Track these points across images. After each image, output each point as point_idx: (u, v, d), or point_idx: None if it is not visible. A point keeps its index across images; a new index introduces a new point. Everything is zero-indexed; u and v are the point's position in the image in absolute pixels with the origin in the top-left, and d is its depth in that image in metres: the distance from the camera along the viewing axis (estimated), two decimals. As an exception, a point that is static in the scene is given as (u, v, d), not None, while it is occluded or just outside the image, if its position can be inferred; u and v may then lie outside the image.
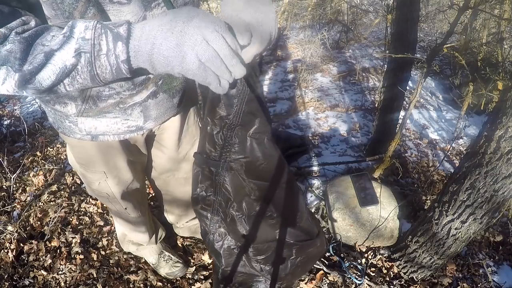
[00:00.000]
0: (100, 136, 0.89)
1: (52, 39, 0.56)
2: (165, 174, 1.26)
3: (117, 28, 0.56)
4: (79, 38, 0.55)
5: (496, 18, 2.65)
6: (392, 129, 2.30)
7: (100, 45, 0.55)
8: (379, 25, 4.87)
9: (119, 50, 0.55)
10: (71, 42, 0.55)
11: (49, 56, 0.55)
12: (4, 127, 2.72)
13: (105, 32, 0.55)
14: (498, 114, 1.16)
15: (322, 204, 1.94)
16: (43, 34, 0.57)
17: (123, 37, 0.55)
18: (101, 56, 0.56)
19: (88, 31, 0.55)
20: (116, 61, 0.56)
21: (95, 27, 0.55)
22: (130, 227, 1.41)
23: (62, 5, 0.61)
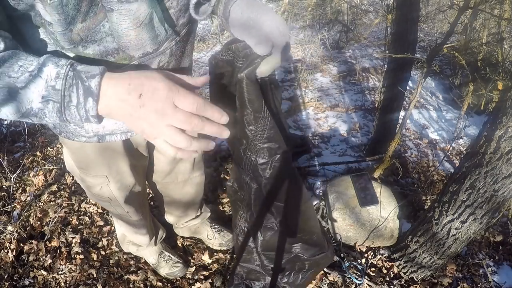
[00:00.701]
0: (107, 136, 0.88)
1: (19, 71, 0.54)
2: (165, 179, 1.26)
3: (89, 80, 0.54)
4: (49, 85, 0.54)
5: (496, 18, 2.65)
6: (392, 129, 2.30)
7: (70, 97, 0.54)
8: (379, 25, 4.88)
9: (89, 106, 0.55)
10: (38, 83, 0.54)
11: (13, 93, 0.54)
12: (4, 127, 2.71)
13: (76, 84, 0.54)
14: (498, 114, 1.16)
15: (322, 204, 1.94)
16: (10, 61, 0.55)
17: (94, 94, 0.54)
18: (71, 107, 0.55)
19: (59, 81, 0.54)
20: (86, 115, 0.56)
21: (66, 77, 0.54)
22: (131, 230, 1.41)
23: (67, 8, 0.60)
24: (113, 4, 0.63)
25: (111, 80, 0.56)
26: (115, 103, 0.56)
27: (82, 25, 0.64)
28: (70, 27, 0.63)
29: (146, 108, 0.55)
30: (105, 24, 0.66)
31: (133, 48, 0.71)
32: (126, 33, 0.68)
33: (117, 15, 0.65)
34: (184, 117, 0.56)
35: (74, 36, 0.65)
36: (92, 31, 0.65)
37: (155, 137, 0.57)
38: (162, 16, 0.69)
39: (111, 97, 0.55)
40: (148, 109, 0.55)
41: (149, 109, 0.55)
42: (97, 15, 0.64)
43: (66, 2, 0.59)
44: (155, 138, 0.57)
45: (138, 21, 0.67)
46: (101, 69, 0.56)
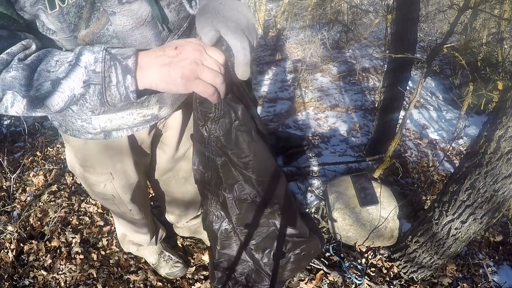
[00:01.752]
0: (113, 132, 0.88)
1: (57, 65, 0.57)
2: (166, 175, 1.27)
3: (125, 60, 0.59)
4: (89, 70, 0.57)
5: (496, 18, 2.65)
6: (392, 129, 2.30)
7: (110, 77, 0.58)
8: (379, 25, 4.88)
9: (129, 82, 0.59)
10: (78, 71, 0.57)
11: (55, 84, 0.57)
12: (4, 127, 2.72)
13: (114, 64, 0.58)
14: (498, 114, 1.16)
15: (322, 204, 1.94)
16: (46, 58, 0.58)
17: (131, 70, 0.59)
18: (111, 87, 0.59)
19: (98, 64, 0.57)
20: (125, 91, 0.60)
21: (104, 60, 0.58)
22: (132, 229, 1.41)
23: (68, 16, 0.61)
24: (115, 7, 0.64)
25: (146, 54, 0.61)
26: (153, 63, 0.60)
27: (86, 31, 0.65)
28: (75, 34, 0.64)
29: (184, 51, 0.61)
30: (109, 27, 0.66)
31: (139, 47, 0.71)
32: (131, 33, 0.69)
33: (120, 17, 0.66)
34: (214, 61, 0.63)
35: (80, 42, 0.66)
36: (97, 36, 0.66)
37: (196, 77, 0.61)
38: (158, 14, 0.69)
39: (147, 65, 0.60)
40: (186, 51, 0.61)
41: (187, 50, 0.61)
42: (100, 20, 0.65)
43: (66, 11, 0.60)
44: (195, 79, 0.61)
45: (141, 20, 0.68)
46: (134, 50, 0.61)
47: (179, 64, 0.60)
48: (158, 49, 0.62)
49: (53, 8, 0.59)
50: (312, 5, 4.72)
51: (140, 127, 0.91)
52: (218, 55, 0.64)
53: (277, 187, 1.08)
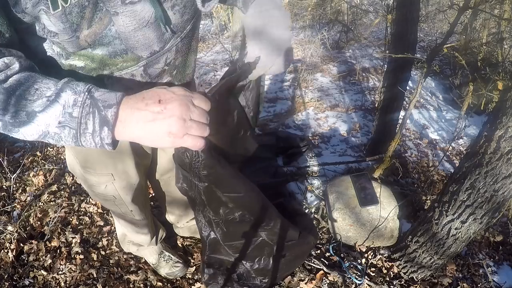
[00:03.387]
0: None
1: (35, 95, 0.56)
2: (166, 175, 1.27)
3: (105, 109, 0.56)
4: (66, 112, 0.55)
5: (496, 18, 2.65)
6: (392, 129, 2.30)
7: (86, 124, 0.56)
8: (379, 25, 4.88)
9: (105, 134, 0.56)
10: (55, 109, 0.55)
11: (31, 116, 0.55)
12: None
13: (93, 112, 0.56)
14: (498, 114, 1.16)
15: (322, 204, 1.94)
16: (26, 84, 0.56)
17: (109, 123, 0.56)
18: (86, 134, 0.57)
19: (76, 109, 0.55)
20: (101, 142, 0.57)
21: (83, 105, 0.55)
22: (133, 229, 1.41)
23: (71, 16, 0.60)
24: (118, 7, 0.63)
25: (126, 104, 0.57)
26: (135, 118, 0.57)
27: (89, 31, 0.64)
28: (77, 34, 0.64)
29: (170, 106, 0.57)
30: (111, 28, 0.66)
31: (141, 49, 0.71)
32: (134, 34, 0.68)
33: (123, 18, 0.65)
34: (202, 112, 0.60)
35: (82, 43, 0.65)
36: (99, 36, 0.66)
37: (184, 134, 0.58)
38: (161, 15, 0.69)
39: (129, 119, 0.57)
40: (172, 107, 0.57)
41: (173, 106, 0.57)
42: (103, 20, 0.64)
43: (69, 11, 0.60)
44: (183, 135, 0.58)
45: (144, 21, 0.68)
46: (119, 98, 0.57)
47: (164, 122, 0.56)
48: (140, 100, 0.58)
49: (55, 8, 0.58)
50: (312, 5, 4.72)
51: None
52: (204, 103, 0.61)
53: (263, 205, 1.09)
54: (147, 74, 0.77)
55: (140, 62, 0.73)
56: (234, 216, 1.06)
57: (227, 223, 1.08)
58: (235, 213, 1.05)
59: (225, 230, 1.11)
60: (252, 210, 1.07)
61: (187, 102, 0.58)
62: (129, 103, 0.58)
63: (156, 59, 0.75)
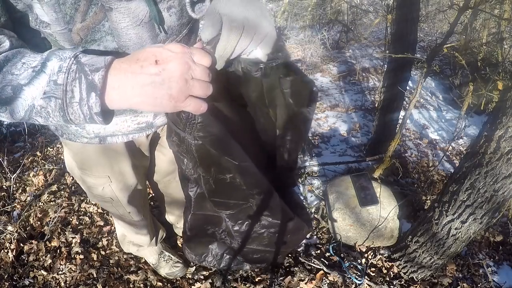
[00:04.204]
0: (108, 137, 0.87)
1: (22, 68, 0.51)
2: (166, 178, 1.26)
3: (92, 74, 0.50)
4: (50, 80, 0.50)
5: (496, 18, 2.65)
6: (392, 129, 2.30)
7: (72, 92, 0.50)
8: (379, 25, 4.88)
9: (92, 102, 0.50)
10: (41, 79, 0.50)
11: (16, 90, 0.51)
12: (4, 127, 2.71)
13: (79, 77, 0.50)
14: (498, 114, 1.16)
15: (322, 204, 1.94)
16: (13, 60, 0.53)
17: (97, 88, 0.50)
18: (73, 104, 0.51)
19: (61, 75, 0.50)
20: (89, 112, 0.51)
21: (68, 71, 0.50)
22: (132, 230, 1.41)
23: (64, 7, 0.60)
24: (112, 3, 0.63)
25: (119, 69, 0.52)
26: (130, 82, 0.51)
27: (82, 25, 0.64)
28: (69, 27, 0.63)
29: (168, 67, 0.51)
30: (105, 23, 0.65)
31: (133, 48, 0.70)
32: (126, 32, 0.67)
33: (116, 14, 0.65)
34: (204, 69, 0.55)
35: (74, 36, 0.65)
36: (91, 31, 0.65)
37: (186, 96, 0.53)
38: (156, 15, 0.68)
39: (122, 84, 0.51)
40: (171, 69, 0.51)
41: (171, 69, 0.51)
42: (97, 15, 0.64)
43: (63, 1, 0.59)
44: (186, 98, 0.53)
45: (137, 19, 0.67)
46: (107, 61, 0.51)
47: (164, 85, 0.51)
48: (133, 62, 0.52)
49: None
50: (312, 5, 4.72)
51: (136, 135, 0.90)
52: (205, 59, 0.55)
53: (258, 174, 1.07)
54: None
55: None
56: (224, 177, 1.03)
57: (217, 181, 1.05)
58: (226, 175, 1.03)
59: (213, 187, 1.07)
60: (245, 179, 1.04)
61: (187, 60, 0.53)
62: (122, 67, 0.52)
63: None
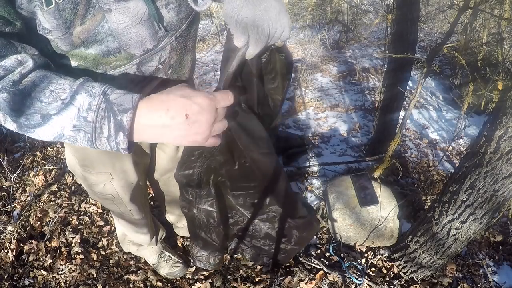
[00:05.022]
0: None
1: (51, 97, 0.55)
2: (166, 175, 1.27)
3: (121, 114, 0.54)
4: (80, 116, 0.54)
5: (496, 18, 2.65)
6: (392, 129, 2.30)
7: (101, 129, 0.54)
8: (379, 25, 4.88)
9: (120, 139, 0.55)
10: (70, 111, 0.54)
11: (45, 119, 0.54)
12: (4, 127, 2.71)
13: (108, 116, 0.54)
14: (498, 114, 1.16)
15: (322, 204, 1.94)
16: (41, 85, 0.55)
17: (125, 129, 0.54)
18: (102, 138, 0.55)
19: (91, 113, 0.54)
20: (116, 146, 0.56)
21: (98, 109, 0.54)
22: (132, 229, 1.41)
23: (64, 13, 0.60)
24: (111, 4, 0.64)
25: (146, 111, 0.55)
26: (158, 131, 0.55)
27: (82, 28, 0.64)
28: (70, 31, 0.64)
29: (199, 122, 0.55)
30: (104, 24, 0.66)
31: (134, 46, 0.71)
32: (127, 31, 0.68)
33: (116, 15, 0.65)
34: (224, 110, 0.60)
35: (75, 39, 0.65)
36: (92, 33, 0.66)
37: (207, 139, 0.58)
38: (155, 13, 0.69)
39: (149, 128, 0.55)
40: (201, 122, 0.56)
41: (202, 121, 0.56)
42: (96, 17, 0.64)
43: (62, 7, 0.60)
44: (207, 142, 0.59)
45: (137, 18, 0.67)
46: (135, 101, 0.54)
47: (192, 135, 0.56)
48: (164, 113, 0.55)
49: (49, 5, 0.58)
50: (312, 5, 4.72)
51: None
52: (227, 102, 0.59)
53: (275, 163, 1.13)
54: (141, 72, 0.77)
55: (133, 60, 0.73)
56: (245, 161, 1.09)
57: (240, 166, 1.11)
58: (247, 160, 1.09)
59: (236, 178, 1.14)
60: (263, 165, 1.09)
61: (213, 112, 0.57)
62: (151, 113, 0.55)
63: (150, 57, 0.75)
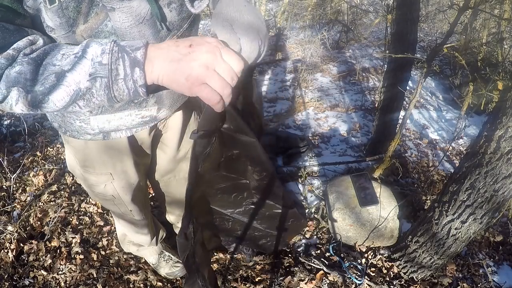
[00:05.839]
0: (112, 133, 0.88)
1: (63, 58, 0.55)
2: (166, 176, 1.27)
3: (134, 52, 0.55)
4: (95, 62, 0.54)
5: (496, 18, 2.65)
6: (392, 129, 2.30)
7: (117, 70, 0.55)
8: (379, 25, 4.88)
9: (137, 76, 0.55)
10: (84, 64, 0.55)
11: (60, 77, 0.54)
12: (4, 127, 2.71)
13: (122, 56, 0.55)
14: (498, 114, 1.16)
15: (322, 204, 1.94)
16: (52, 52, 0.56)
17: (140, 63, 0.55)
18: (118, 81, 0.55)
19: (105, 56, 0.54)
20: (134, 86, 0.56)
21: (111, 51, 0.54)
22: (133, 229, 1.41)
23: (67, 11, 0.61)
24: (114, 3, 0.64)
25: (157, 47, 0.56)
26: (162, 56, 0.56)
27: (85, 26, 0.65)
28: (73, 29, 0.64)
29: (197, 50, 0.56)
30: (107, 23, 0.66)
31: None
32: (130, 30, 0.68)
33: (119, 14, 0.66)
34: (228, 69, 0.57)
35: (78, 38, 0.66)
36: (95, 31, 0.66)
37: (202, 82, 0.56)
38: (157, 12, 0.69)
39: (156, 57, 0.56)
40: (199, 50, 0.56)
41: (199, 52, 0.55)
42: (99, 15, 0.65)
43: (66, 6, 0.60)
44: (201, 84, 0.56)
45: (140, 17, 0.68)
46: (144, 41, 0.56)
47: (187, 64, 0.55)
48: (172, 43, 0.57)
49: (52, 3, 0.59)
50: (312, 5, 4.72)
51: (139, 128, 0.91)
52: (236, 61, 0.58)
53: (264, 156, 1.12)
54: None
55: None
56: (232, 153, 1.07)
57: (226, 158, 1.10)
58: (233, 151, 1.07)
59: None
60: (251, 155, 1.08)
61: (216, 52, 0.56)
62: (159, 45, 0.57)
63: None
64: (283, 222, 1.33)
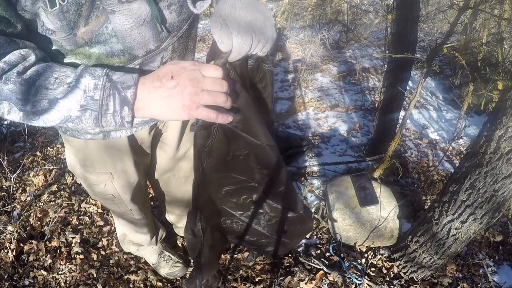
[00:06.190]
0: (112, 132, 0.88)
1: (56, 83, 0.58)
2: (166, 175, 1.27)
3: (125, 90, 0.60)
4: (87, 96, 0.58)
5: (496, 18, 2.65)
6: (392, 129, 2.31)
7: (107, 106, 0.59)
8: (379, 25, 4.88)
9: (125, 113, 0.60)
10: (76, 94, 0.58)
11: (53, 103, 0.58)
12: (4, 127, 2.71)
13: (113, 94, 0.59)
14: (498, 114, 1.16)
15: (322, 204, 1.94)
16: (45, 74, 0.59)
17: (130, 103, 0.60)
18: (107, 114, 0.60)
19: (98, 92, 0.58)
20: (121, 121, 0.61)
21: (104, 88, 0.59)
22: (133, 229, 1.41)
23: (68, 14, 0.61)
24: (114, 5, 0.64)
25: (144, 85, 0.61)
26: (152, 96, 0.61)
27: (85, 29, 0.65)
28: (74, 32, 0.64)
29: (181, 83, 0.61)
30: (107, 26, 0.66)
31: (137, 47, 0.71)
32: (130, 33, 0.69)
33: (120, 16, 0.66)
34: (213, 81, 0.63)
35: (79, 40, 0.66)
36: (95, 34, 0.66)
37: (198, 106, 0.62)
38: (157, 14, 0.69)
39: (146, 98, 0.61)
40: (183, 83, 0.60)
41: (184, 82, 0.60)
42: (99, 18, 0.65)
43: (66, 9, 0.60)
44: (197, 108, 0.62)
45: (140, 19, 0.68)
46: (135, 79, 0.61)
47: (178, 97, 0.60)
48: (155, 79, 0.62)
49: (53, 6, 0.59)
50: (312, 5, 4.72)
51: (139, 128, 0.91)
52: (214, 72, 0.64)
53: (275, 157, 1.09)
54: (143, 72, 0.78)
55: (135, 61, 0.74)
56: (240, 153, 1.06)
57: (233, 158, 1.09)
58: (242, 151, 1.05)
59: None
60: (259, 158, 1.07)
61: (196, 75, 0.61)
62: (146, 83, 0.61)
63: (152, 58, 0.76)
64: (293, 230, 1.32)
